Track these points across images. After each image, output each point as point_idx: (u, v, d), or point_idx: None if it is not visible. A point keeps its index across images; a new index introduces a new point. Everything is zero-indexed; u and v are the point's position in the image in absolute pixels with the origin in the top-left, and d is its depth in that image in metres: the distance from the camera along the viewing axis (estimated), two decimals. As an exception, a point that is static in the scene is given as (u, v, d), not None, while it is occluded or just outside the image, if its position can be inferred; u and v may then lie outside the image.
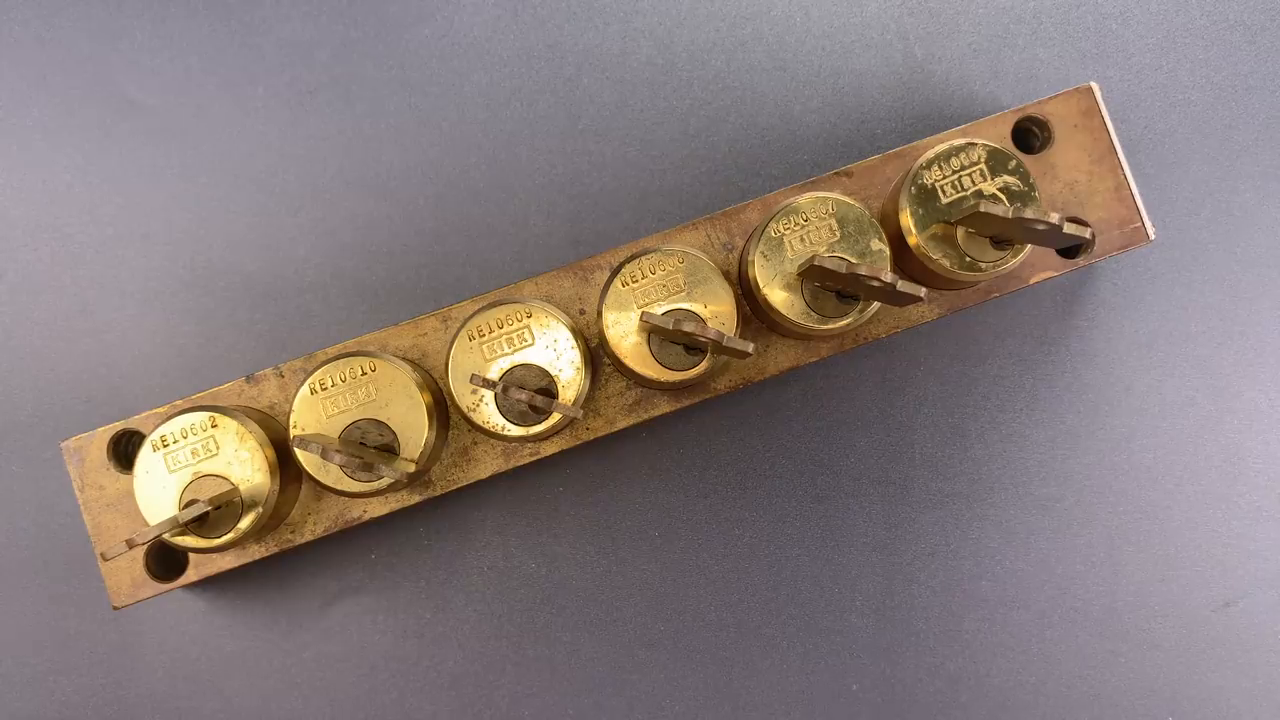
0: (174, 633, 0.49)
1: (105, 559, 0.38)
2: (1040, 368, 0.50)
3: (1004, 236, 0.41)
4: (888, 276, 0.38)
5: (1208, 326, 0.50)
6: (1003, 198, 0.41)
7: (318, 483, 0.42)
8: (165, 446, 0.42)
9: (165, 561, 0.45)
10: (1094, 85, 0.45)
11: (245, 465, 0.41)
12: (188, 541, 0.41)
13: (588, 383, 0.43)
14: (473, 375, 0.40)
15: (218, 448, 0.42)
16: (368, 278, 0.50)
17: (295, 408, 0.42)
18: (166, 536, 0.41)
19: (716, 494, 0.49)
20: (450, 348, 0.42)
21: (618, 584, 0.49)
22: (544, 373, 0.42)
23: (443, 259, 0.50)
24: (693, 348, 0.42)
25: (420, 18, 0.51)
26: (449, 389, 0.42)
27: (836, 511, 0.49)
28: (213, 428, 0.42)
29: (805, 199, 0.42)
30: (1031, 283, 0.45)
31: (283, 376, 0.45)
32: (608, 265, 0.45)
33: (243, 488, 0.41)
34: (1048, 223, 0.38)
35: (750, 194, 0.50)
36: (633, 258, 0.42)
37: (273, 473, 0.42)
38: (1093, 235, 0.42)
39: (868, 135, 0.50)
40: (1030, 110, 0.45)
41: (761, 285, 0.42)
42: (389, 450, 0.42)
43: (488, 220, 0.50)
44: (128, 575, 0.44)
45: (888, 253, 0.42)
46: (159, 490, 0.41)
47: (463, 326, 0.42)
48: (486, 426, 0.42)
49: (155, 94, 0.51)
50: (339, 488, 0.42)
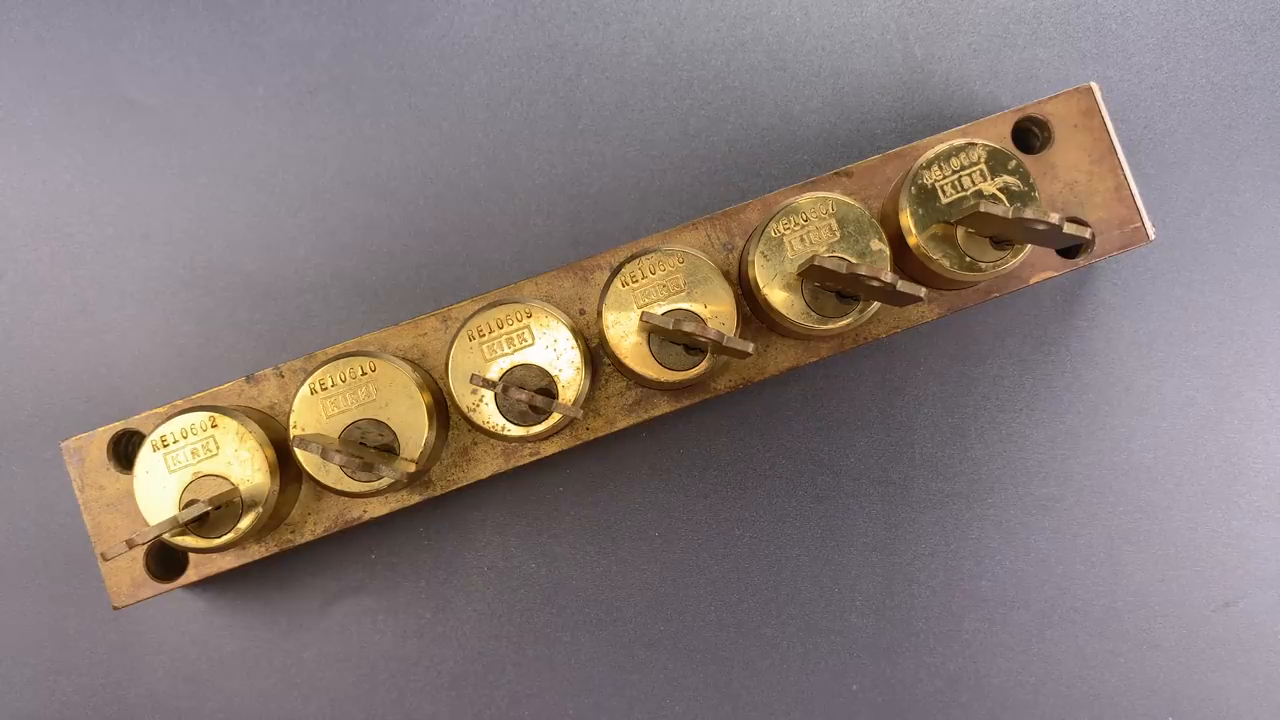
0: (174, 633, 0.49)
1: (105, 559, 0.38)
2: (1040, 368, 0.50)
3: (1004, 236, 0.41)
4: (888, 276, 0.38)
5: (1208, 326, 0.50)
6: (1003, 198, 0.41)
7: (318, 483, 0.42)
8: (165, 446, 0.42)
9: (165, 561, 0.45)
10: (1094, 85, 0.45)
11: (245, 465, 0.41)
12: (188, 541, 0.41)
13: (588, 383, 0.43)
14: (473, 375, 0.40)
15: (218, 448, 0.42)
16: (368, 278, 0.50)
17: (295, 408, 0.42)
18: (166, 536, 0.41)
19: (716, 494, 0.49)
20: (450, 348, 0.42)
21: (618, 584, 0.49)
22: (544, 373, 0.42)
23: (443, 259, 0.50)
24: (693, 348, 0.42)
25: (420, 18, 0.51)
26: (449, 389, 0.42)
27: (836, 511, 0.49)
28: (213, 428, 0.42)
29: (805, 199, 0.42)
30: (1031, 283, 0.45)
31: (283, 376, 0.45)
32: (608, 265, 0.45)
33: (243, 488, 0.41)
34: (1048, 223, 0.38)
35: (750, 194, 0.50)
36: (633, 258, 0.42)
37: (273, 473, 0.42)
38: (1093, 235, 0.42)
39: (868, 135, 0.50)
40: (1030, 110, 0.45)
41: (761, 285, 0.42)
42: (389, 450, 0.42)
43: (488, 220, 0.50)
44: (128, 575, 0.44)
45: (888, 253, 0.42)
46: (159, 490, 0.41)
47: (463, 326, 0.42)
48: (486, 426, 0.42)
49: (155, 94, 0.51)
50: (339, 488, 0.42)
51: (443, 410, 0.44)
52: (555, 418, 0.42)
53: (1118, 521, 0.49)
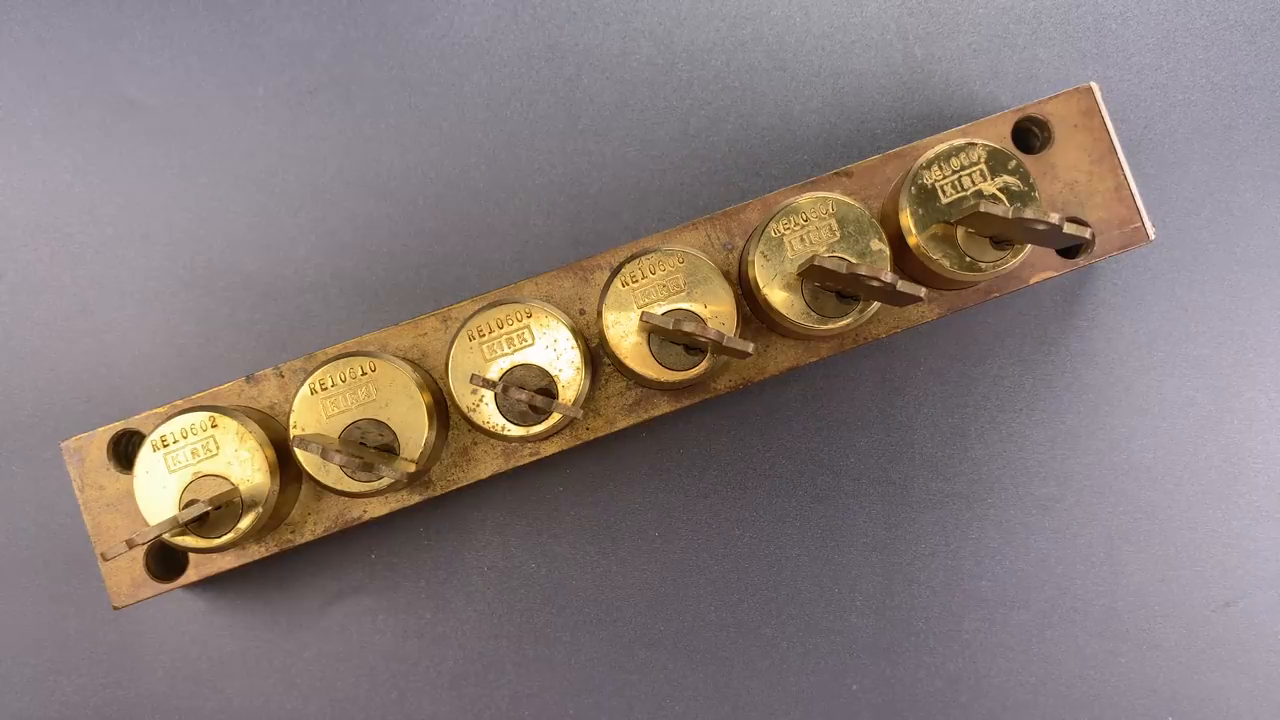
0: (174, 633, 0.49)
1: (105, 559, 0.38)
2: (1040, 368, 0.50)
3: (1004, 236, 0.41)
4: (888, 276, 0.38)
5: (1208, 326, 0.50)
6: (1003, 198, 0.41)
7: (318, 483, 0.42)
8: (165, 446, 0.42)
9: (165, 561, 0.45)
10: (1094, 85, 0.45)
11: (245, 465, 0.41)
12: (188, 541, 0.41)
13: (588, 383, 0.43)
14: (473, 375, 0.40)
15: (218, 448, 0.42)
16: (368, 278, 0.50)
17: (295, 408, 0.42)
18: (166, 536, 0.41)
19: (716, 494, 0.49)
20: (450, 348, 0.42)
21: (618, 584, 0.49)
22: (544, 373, 0.42)
23: (443, 259, 0.50)
24: (693, 348, 0.42)
25: (420, 18, 0.51)
26: (449, 389, 0.42)
27: (836, 511, 0.49)
28: (213, 428, 0.42)
29: (805, 199, 0.42)
30: (1031, 283, 0.45)
31: (283, 376, 0.45)
32: (608, 265, 0.45)
33: (243, 488, 0.41)
34: (1048, 223, 0.38)
35: (750, 194, 0.50)
36: (633, 258, 0.42)
37: (273, 473, 0.42)
38: (1093, 235, 0.42)
39: (868, 135, 0.50)
40: (1030, 110, 0.45)
41: (761, 285, 0.42)
42: (389, 450, 0.42)
43: (488, 220, 0.50)
44: (128, 575, 0.44)
45: (888, 253, 0.42)
46: (159, 490, 0.41)
47: (463, 326, 0.42)
48: (486, 426, 0.42)
49: (155, 94, 0.51)
50: (339, 488, 0.42)
51: (443, 410, 0.44)
52: (555, 418, 0.42)
53: (1118, 521, 0.49)
